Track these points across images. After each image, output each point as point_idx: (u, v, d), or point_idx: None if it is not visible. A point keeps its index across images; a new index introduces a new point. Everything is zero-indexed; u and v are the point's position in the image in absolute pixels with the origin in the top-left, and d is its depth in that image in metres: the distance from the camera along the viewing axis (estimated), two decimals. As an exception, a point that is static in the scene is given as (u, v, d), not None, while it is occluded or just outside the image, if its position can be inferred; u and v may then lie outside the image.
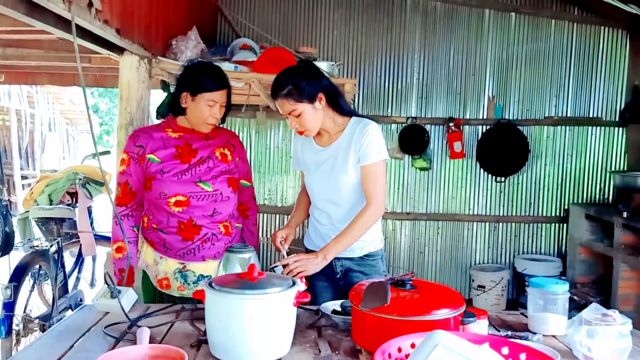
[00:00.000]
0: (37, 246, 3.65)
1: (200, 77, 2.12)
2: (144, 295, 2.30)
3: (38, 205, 3.97)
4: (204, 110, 2.11)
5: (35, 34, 4.09)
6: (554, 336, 1.76)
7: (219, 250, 2.16)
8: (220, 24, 4.83)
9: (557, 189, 4.89)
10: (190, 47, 3.36)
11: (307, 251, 2.34)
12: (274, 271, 2.01)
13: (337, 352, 1.57)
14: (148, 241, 2.22)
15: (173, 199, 2.11)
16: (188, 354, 1.25)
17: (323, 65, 3.48)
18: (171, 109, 2.23)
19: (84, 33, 2.49)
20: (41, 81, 6.53)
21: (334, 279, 2.26)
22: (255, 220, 2.45)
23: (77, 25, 2.13)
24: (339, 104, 2.18)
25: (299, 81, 2.07)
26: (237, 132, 4.20)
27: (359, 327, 1.59)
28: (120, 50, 2.94)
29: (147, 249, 2.23)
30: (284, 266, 1.98)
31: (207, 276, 2.15)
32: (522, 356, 1.22)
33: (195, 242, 2.15)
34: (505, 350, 1.24)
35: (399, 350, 1.24)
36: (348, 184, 2.17)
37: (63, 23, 2.31)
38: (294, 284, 1.53)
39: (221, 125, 2.35)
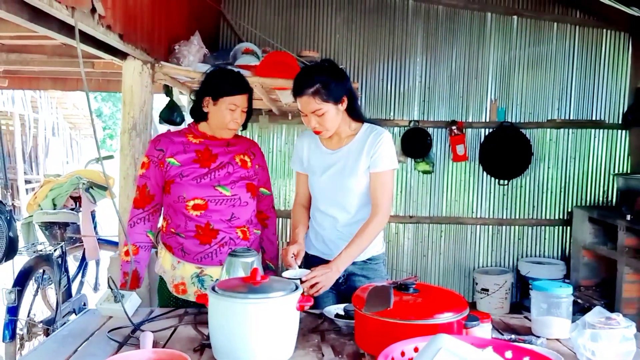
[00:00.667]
0: (41, 250, 3.66)
1: (222, 82, 2.13)
2: (160, 301, 2.30)
3: (42, 209, 3.98)
4: (225, 114, 2.11)
5: (39, 40, 4.11)
6: (557, 340, 1.75)
7: None
8: (222, 28, 4.85)
9: (561, 192, 4.89)
10: (193, 51, 3.36)
11: (307, 255, 2.33)
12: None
13: (340, 356, 1.57)
14: (166, 246, 2.23)
15: (191, 203, 2.12)
16: (191, 358, 1.25)
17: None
18: (193, 114, 2.24)
19: (87, 38, 2.50)
20: (44, 86, 6.56)
21: (337, 284, 2.26)
22: (274, 229, 2.43)
23: (80, 31, 2.14)
24: (355, 109, 2.18)
25: (329, 81, 2.05)
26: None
27: (362, 331, 1.59)
28: (123, 55, 2.95)
29: (165, 255, 2.24)
30: (302, 281, 1.96)
31: None
32: (526, 360, 1.22)
33: (213, 246, 2.15)
34: (508, 354, 1.23)
35: (402, 354, 1.24)
36: (356, 189, 2.17)
37: (66, 29, 2.32)
38: (297, 288, 1.53)
39: (242, 133, 2.36)
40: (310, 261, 2.29)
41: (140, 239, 2.19)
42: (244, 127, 2.26)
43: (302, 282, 1.97)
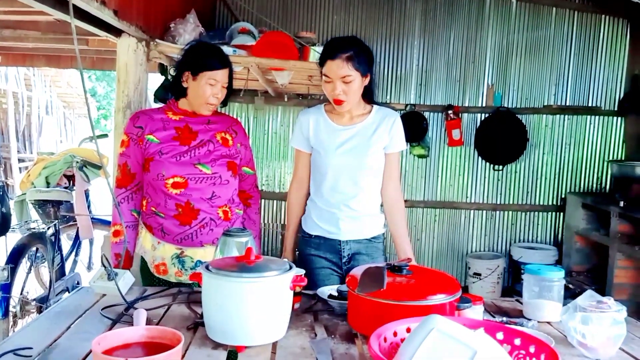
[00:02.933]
0: (34, 228, 3.65)
1: (202, 56, 2.11)
2: (143, 282, 2.30)
3: (35, 187, 3.96)
4: (205, 89, 2.10)
5: (33, 15, 4.06)
6: (548, 323, 1.77)
7: (217, 236, 2.11)
8: (219, 7, 4.79)
9: (555, 177, 4.90)
10: (189, 30, 3.33)
11: (309, 236, 2.31)
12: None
13: (333, 336, 1.57)
14: (147, 226, 2.22)
15: (171, 180, 2.10)
16: (185, 337, 1.25)
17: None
18: (173, 91, 2.22)
19: (81, 14, 2.46)
20: (38, 63, 6.51)
21: (339, 264, 2.27)
22: (257, 208, 2.42)
23: (74, 7, 2.10)
24: (371, 90, 2.25)
25: (361, 51, 2.13)
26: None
27: (355, 311, 1.60)
28: (118, 32, 2.91)
29: (145, 235, 2.23)
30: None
31: (205, 262, 2.13)
32: (517, 341, 1.23)
33: (193, 227, 2.14)
34: (500, 335, 1.24)
35: (395, 334, 1.25)
36: (372, 165, 2.24)
37: (61, 4, 2.29)
38: (290, 267, 1.53)
39: (223, 110, 2.34)
40: (313, 242, 2.30)
41: (126, 219, 2.18)
42: (224, 103, 2.25)
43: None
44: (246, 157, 2.32)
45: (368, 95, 2.25)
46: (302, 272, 1.86)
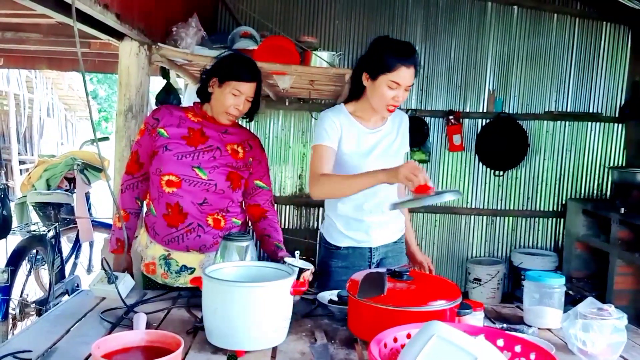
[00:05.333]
0: (35, 231, 3.65)
1: (232, 66, 2.09)
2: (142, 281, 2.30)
3: (36, 190, 3.96)
4: (227, 98, 2.08)
5: (35, 18, 4.07)
6: (549, 329, 1.77)
7: (205, 244, 2.12)
8: (221, 11, 4.80)
9: (555, 183, 4.90)
10: (191, 34, 3.33)
11: (335, 247, 2.26)
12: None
13: (333, 341, 1.57)
14: (145, 224, 2.23)
15: (166, 178, 2.08)
16: (184, 341, 1.25)
17: (324, 55, 3.46)
18: (199, 94, 2.21)
19: (83, 18, 2.47)
20: (40, 66, 6.52)
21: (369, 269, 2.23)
22: (276, 219, 2.30)
23: (77, 10, 2.11)
24: None
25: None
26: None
27: (355, 317, 1.60)
28: (120, 35, 2.92)
29: (143, 232, 2.24)
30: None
31: (190, 268, 2.12)
32: (517, 348, 1.22)
33: (180, 230, 2.11)
34: (500, 342, 1.24)
35: (395, 340, 1.24)
36: None
37: (63, 7, 2.29)
38: (290, 273, 1.53)
39: (246, 125, 2.30)
40: (341, 254, 2.24)
41: (129, 205, 2.18)
42: (250, 118, 2.23)
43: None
44: (259, 172, 2.28)
45: None
46: (310, 266, 1.86)
